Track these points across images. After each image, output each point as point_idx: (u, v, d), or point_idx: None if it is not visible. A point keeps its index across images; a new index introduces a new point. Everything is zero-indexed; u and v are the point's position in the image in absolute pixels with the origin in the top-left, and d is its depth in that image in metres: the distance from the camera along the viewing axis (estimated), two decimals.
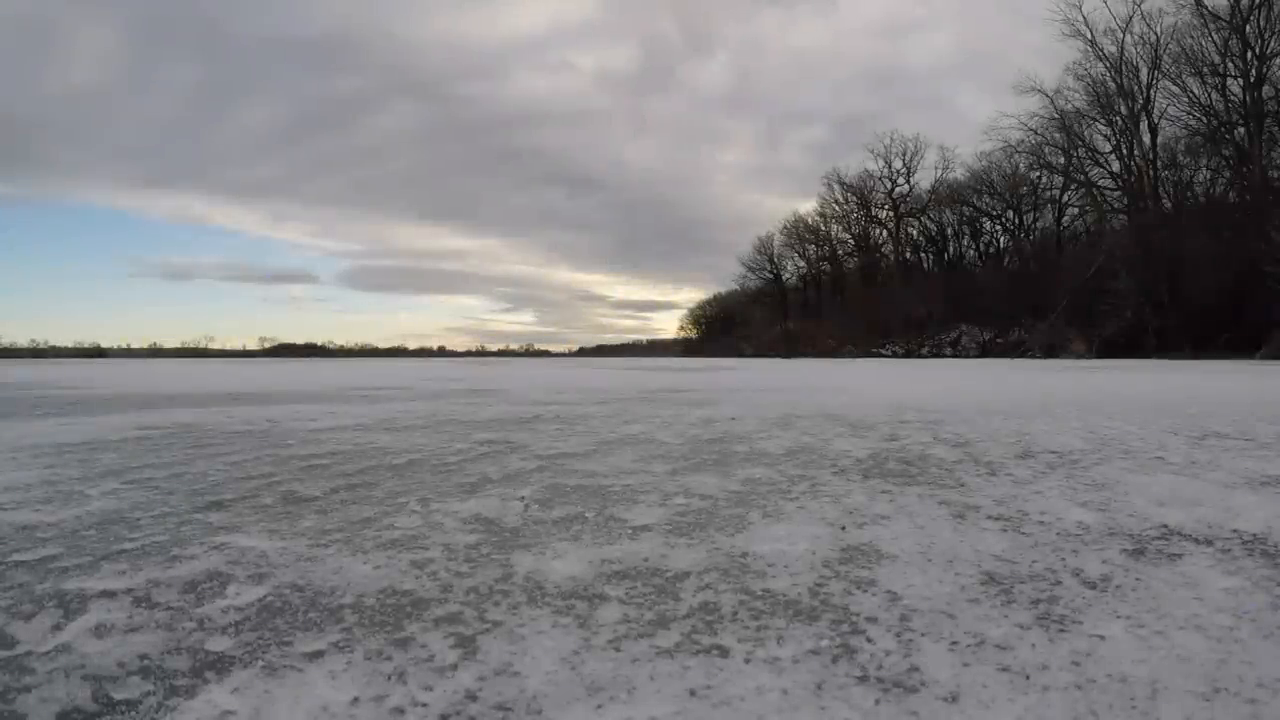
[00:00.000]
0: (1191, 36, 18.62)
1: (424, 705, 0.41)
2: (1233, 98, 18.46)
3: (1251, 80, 17.71)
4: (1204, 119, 19.08)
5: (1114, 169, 21.76)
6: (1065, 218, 24.31)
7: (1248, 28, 17.53)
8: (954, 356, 19.46)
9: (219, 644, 0.49)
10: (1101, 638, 0.49)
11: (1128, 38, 19.89)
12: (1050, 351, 17.33)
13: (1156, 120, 19.99)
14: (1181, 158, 19.79)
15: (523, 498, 0.96)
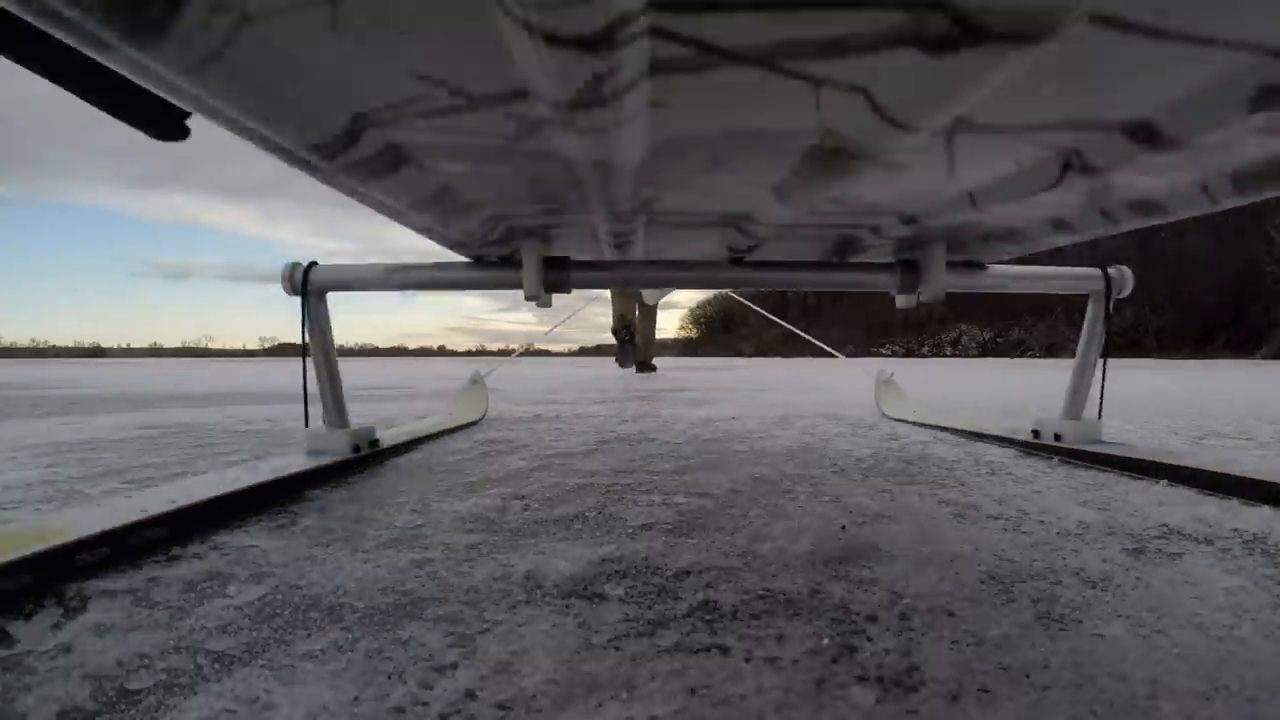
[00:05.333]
0: None
1: (424, 705, 0.40)
2: None
3: None
4: None
5: None
6: None
7: None
8: (954, 356, 19.46)
9: (219, 643, 0.49)
10: (1102, 637, 0.49)
11: None
12: (1050, 351, 17.33)
13: None
14: None
15: (523, 497, 0.96)
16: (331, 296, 1.19)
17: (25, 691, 0.42)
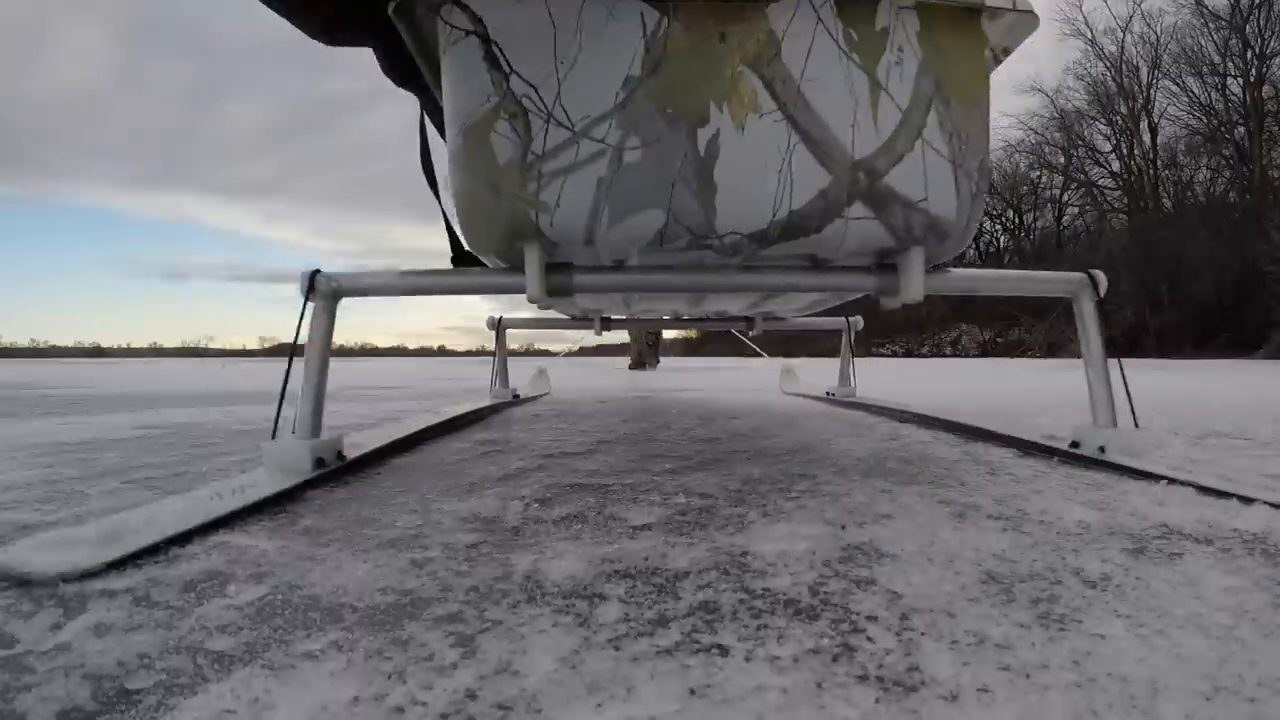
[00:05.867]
0: (1191, 36, 18.61)
1: (424, 704, 0.40)
2: (1233, 97, 18.44)
3: (1251, 80, 17.68)
4: (1204, 118, 19.05)
5: (1114, 169, 21.73)
6: (1065, 218, 24.28)
7: (1248, 27, 17.51)
8: (954, 356, 19.44)
9: (219, 643, 0.49)
10: (1102, 637, 0.49)
11: (1128, 37, 19.88)
12: (1050, 351, 17.32)
13: (1156, 120, 19.97)
14: (1181, 157, 19.76)
15: (522, 497, 0.96)
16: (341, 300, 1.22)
17: (25, 691, 0.42)
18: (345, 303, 1.16)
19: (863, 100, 0.91)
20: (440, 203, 1.22)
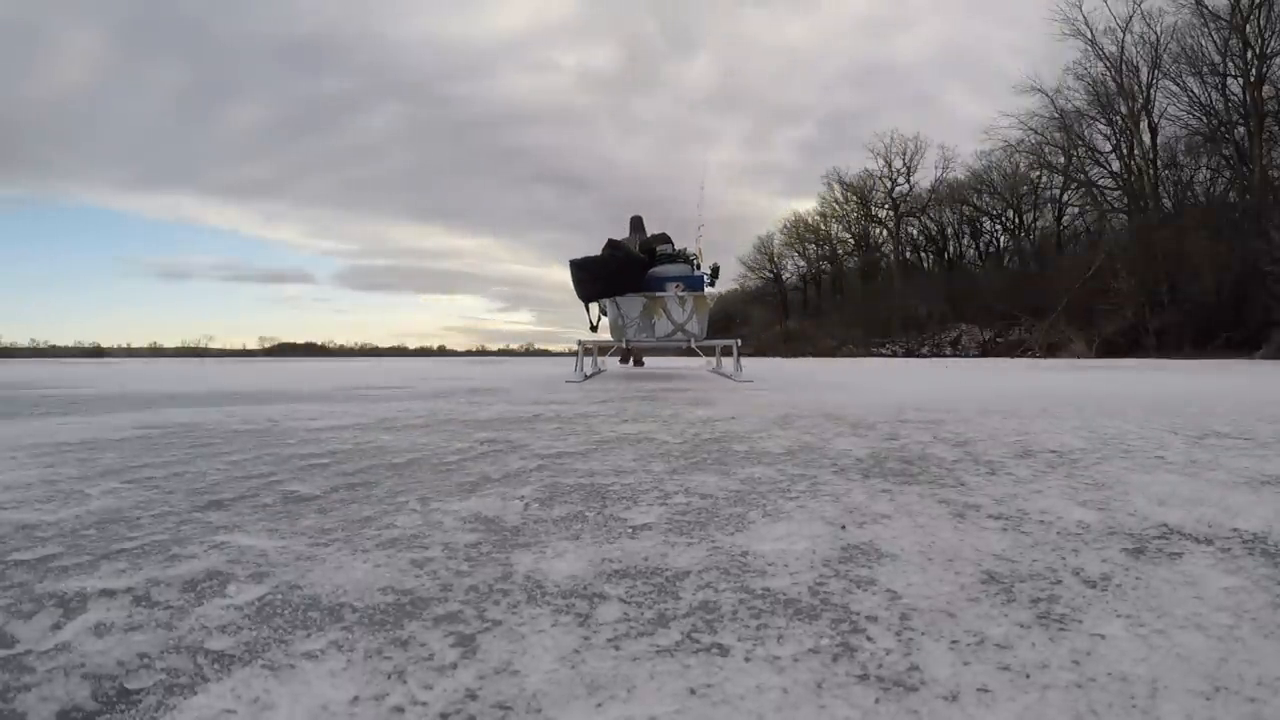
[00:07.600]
0: (1191, 36, 18.59)
1: (424, 704, 0.41)
2: (1233, 97, 18.42)
3: (1251, 80, 17.65)
4: (1204, 118, 19.02)
5: (1114, 169, 21.71)
6: (1065, 218, 24.25)
7: (1248, 27, 17.48)
8: (954, 356, 19.43)
9: (219, 643, 0.49)
10: (1102, 637, 0.49)
11: (1128, 37, 19.84)
12: (1050, 351, 17.31)
13: (1156, 120, 19.95)
14: (1181, 157, 19.74)
15: (522, 497, 0.96)
16: (328, 296, 1.22)
17: (25, 691, 0.42)
18: (346, 303, 1.20)
19: (679, 312, 4.83)
20: (589, 317, 5.05)
